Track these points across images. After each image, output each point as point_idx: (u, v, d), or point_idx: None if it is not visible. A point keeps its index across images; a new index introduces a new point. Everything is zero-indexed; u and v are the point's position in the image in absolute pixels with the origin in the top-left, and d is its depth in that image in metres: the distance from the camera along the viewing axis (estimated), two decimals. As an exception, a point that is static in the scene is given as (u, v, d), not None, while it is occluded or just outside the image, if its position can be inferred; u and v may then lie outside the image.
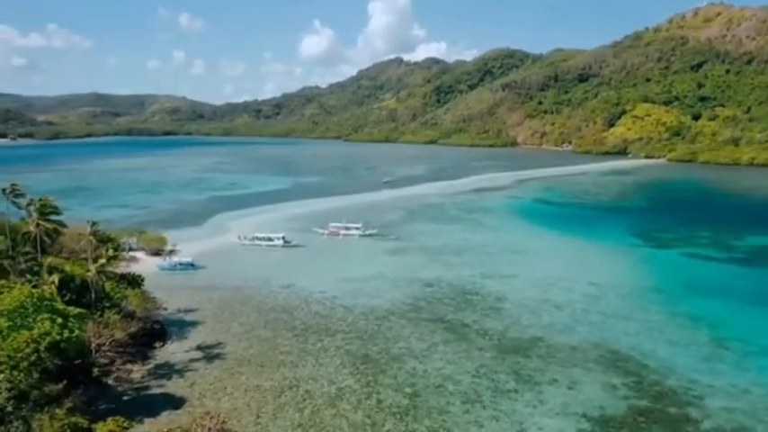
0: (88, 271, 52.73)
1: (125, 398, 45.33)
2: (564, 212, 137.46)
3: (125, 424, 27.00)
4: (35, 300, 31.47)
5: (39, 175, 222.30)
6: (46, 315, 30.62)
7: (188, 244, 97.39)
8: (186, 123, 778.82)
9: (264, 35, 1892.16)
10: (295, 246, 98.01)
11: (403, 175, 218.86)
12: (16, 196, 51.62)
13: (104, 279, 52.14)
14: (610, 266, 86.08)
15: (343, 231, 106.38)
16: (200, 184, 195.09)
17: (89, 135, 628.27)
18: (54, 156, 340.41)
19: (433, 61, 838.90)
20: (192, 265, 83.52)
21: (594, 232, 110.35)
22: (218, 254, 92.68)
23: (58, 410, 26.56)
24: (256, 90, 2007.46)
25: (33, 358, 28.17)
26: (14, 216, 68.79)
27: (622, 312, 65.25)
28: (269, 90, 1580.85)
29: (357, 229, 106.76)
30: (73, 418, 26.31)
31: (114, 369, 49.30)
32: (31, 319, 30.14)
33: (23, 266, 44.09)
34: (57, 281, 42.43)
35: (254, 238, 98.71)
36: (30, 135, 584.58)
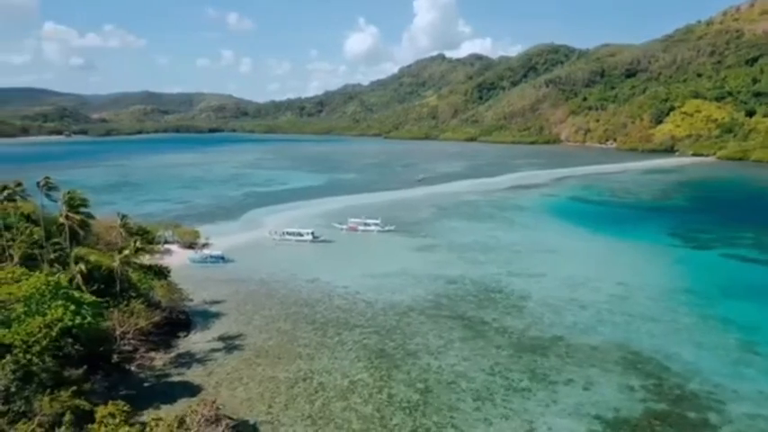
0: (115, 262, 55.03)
1: (145, 384, 47.03)
2: (600, 211, 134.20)
3: (125, 408, 28.06)
4: (51, 287, 33.16)
5: (89, 170, 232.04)
6: (60, 302, 32.24)
7: (221, 238, 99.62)
8: (231, 121, 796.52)
9: (310, 33, 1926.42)
10: (323, 241, 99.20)
11: (439, 173, 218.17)
12: (50, 189, 54.11)
13: (128, 269, 54.07)
14: (642, 267, 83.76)
15: (361, 227, 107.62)
16: (238, 180, 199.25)
17: (139, 132, 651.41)
18: (105, 152, 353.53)
19: (476, 57, 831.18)
20: (222, 259, 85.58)
21: (630, 232, 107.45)
22: (249, 248, 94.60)
23: (63, 392, 27.94)
24: (301, 88, 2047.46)
25: (45, 342, 29.74)
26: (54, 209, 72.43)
27: (649, 313, 63.45)
28: (313, 88, 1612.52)
29: (376, 224, 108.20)
30: (76, 401, 27.57)
31: (138, 356, 51.14)
32: (46, 306, 31.81)
33: (52, 256, 46.30)
34: (84, 269, 44.29)
35: (284, 234, 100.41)
36: (84, 132, 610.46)
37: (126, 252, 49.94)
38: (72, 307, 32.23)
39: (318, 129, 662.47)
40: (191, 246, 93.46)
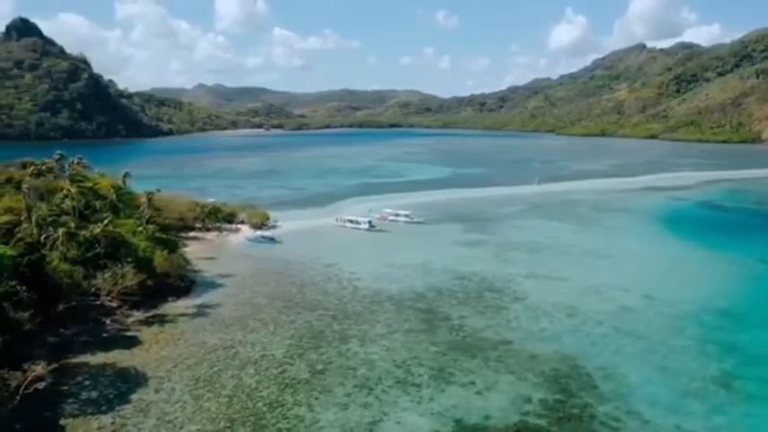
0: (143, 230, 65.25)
1: (104, 335, 55.07)
2: (722, 219, 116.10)
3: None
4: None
5: (252, 159, 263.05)
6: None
7: (292, 221, 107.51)
8: (413, 116, 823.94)
9: (514, 28, 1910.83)
10: (379, 231, 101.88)
11: (575, 170, 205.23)
12: (83, 168, 65.72)
13: (133, 237, 63.33)
14: (698, 281, 72.30)
15: (391, 217, 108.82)
16: (368, 171, 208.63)
17: (327, 127, 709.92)
18: (284, 144, 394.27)
19: (684, 46, 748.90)
20: (271, 240, 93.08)
21: (732, 243, 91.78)
22: (307, 232, 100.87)
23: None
24: (495, 83, 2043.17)
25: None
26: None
27: (644, 330, 55.62)
28: (507, 83, 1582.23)
29: (406, 215, 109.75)
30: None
31: (118, 312, 59.77)
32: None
33: (49, 220, 57.03)
34: (62, 233, 54.03)
35: (346, 221, 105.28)
36: (280, 126, 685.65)
37: (106, 222, 58.95)
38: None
39: (492, 124, 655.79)
40: (259, 226, 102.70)
